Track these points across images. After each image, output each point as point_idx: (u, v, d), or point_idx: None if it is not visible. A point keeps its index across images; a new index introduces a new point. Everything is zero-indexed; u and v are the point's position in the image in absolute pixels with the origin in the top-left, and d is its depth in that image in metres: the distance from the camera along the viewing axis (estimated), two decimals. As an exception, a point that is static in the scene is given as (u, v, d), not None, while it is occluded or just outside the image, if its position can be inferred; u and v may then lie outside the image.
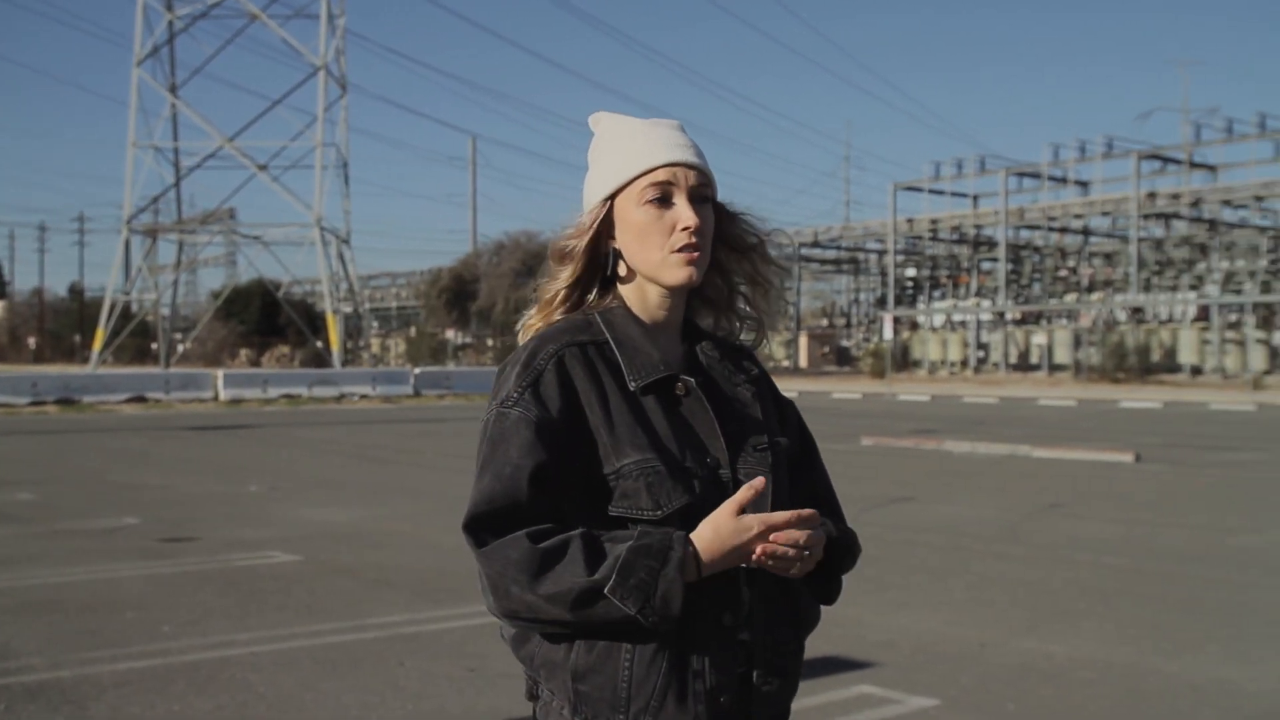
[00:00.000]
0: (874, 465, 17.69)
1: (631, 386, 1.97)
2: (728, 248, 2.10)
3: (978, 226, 66.19)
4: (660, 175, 1.99)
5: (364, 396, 39.59)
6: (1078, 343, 55.59)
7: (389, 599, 8.02)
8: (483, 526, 1.88)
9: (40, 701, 5.72)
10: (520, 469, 1.89)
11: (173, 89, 55.01)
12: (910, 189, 66.75)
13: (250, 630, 7.15)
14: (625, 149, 2.03)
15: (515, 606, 1.86)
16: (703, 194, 2.03)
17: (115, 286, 56.22)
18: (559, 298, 2.07)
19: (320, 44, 52.75)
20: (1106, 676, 6.27)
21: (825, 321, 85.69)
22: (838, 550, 2.07)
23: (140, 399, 35.90)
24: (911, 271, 71.91)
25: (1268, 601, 8.07)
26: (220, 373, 39.67)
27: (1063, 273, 66.23)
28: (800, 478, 2.18)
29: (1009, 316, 61.29)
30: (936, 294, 69.86)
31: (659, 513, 1.90)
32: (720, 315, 2.16)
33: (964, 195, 66.58)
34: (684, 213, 1.99)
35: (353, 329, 62.09)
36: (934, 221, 66.74)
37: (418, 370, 44.25)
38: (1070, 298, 61.35)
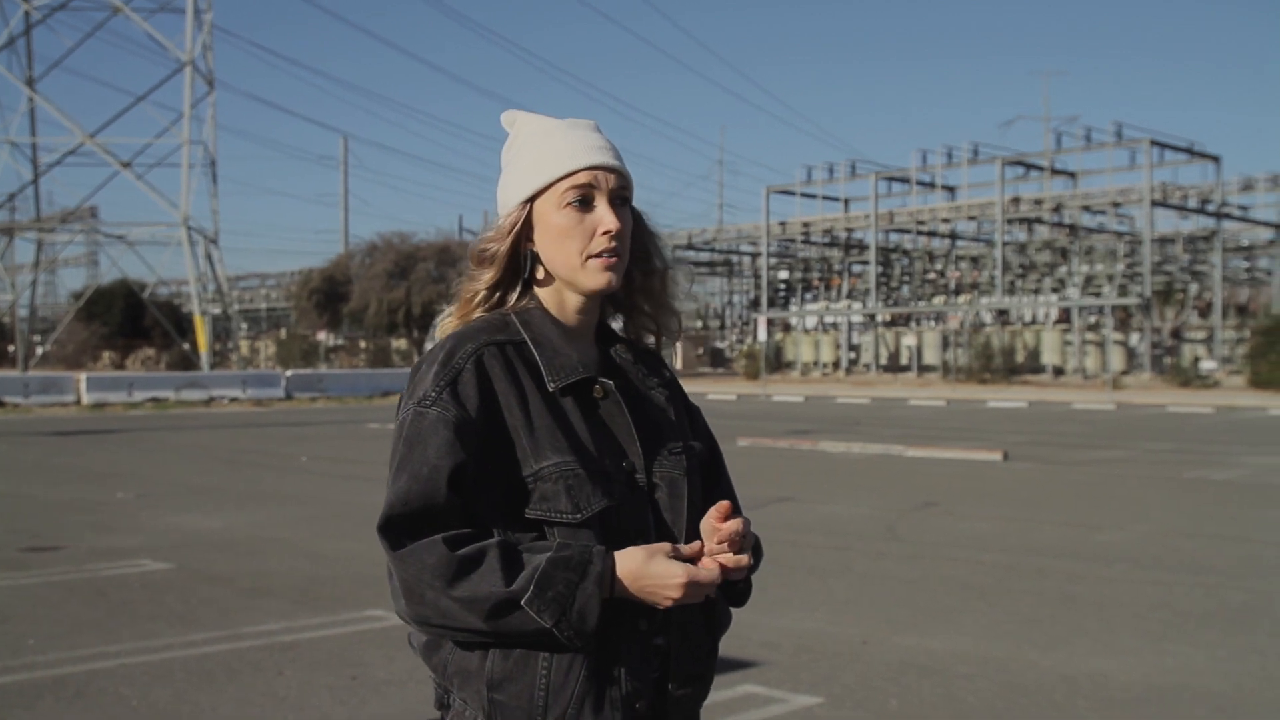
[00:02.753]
0: (752, 466, 17.84)
1: (550, 387, 1.95)
2: (638, 258, 2.09)
3: (849, 230, 67.31)
4: (581, 178, 1.97)
5: (234, 399, 38.72)
6: (946, 344, 56.85)
7: (266, 607, 7.83)
8: (399, 529, 1.84)
9: (-103, 721, 5.47)
10: (438, 470, 1.84)
11: (30, 82, 53.25)
12: (783, 192, 67.56)
13: (121, 642, 6.93)
14: (544, 150, 2.00)
15: (428, 613, 1.82)
16: (622, 196, 2.01)
17: (-31, 287, 54.18)
18: (478, 298, 2.04)
19: (186, 39, 51.57)
20: (984, 670, 6.40)
21: (699, 323, 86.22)
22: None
23: (-3, 403, 34.64)
24: (784, 274, 72.79)
25: (1133, 595, 8.32)
26: (83, 376, 38.43)
27: (931, 275, 67.65)
28: (709, 482, 2.17)
29: (879, 318, 62.41)
30: (809, 296, 70.79)
31: (578, 516, 1.88)
32: (629, 319, 2.14)
33: (835, 199, 67.64)
34: (605, 216, 1.97)
35: (221, 331, 60.81)
36: (806, 224, 67.68)
37: (289, 373, 43.42)
38: (938, 300, 62.66)
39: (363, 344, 72.57)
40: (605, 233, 1.96)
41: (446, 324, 2.07)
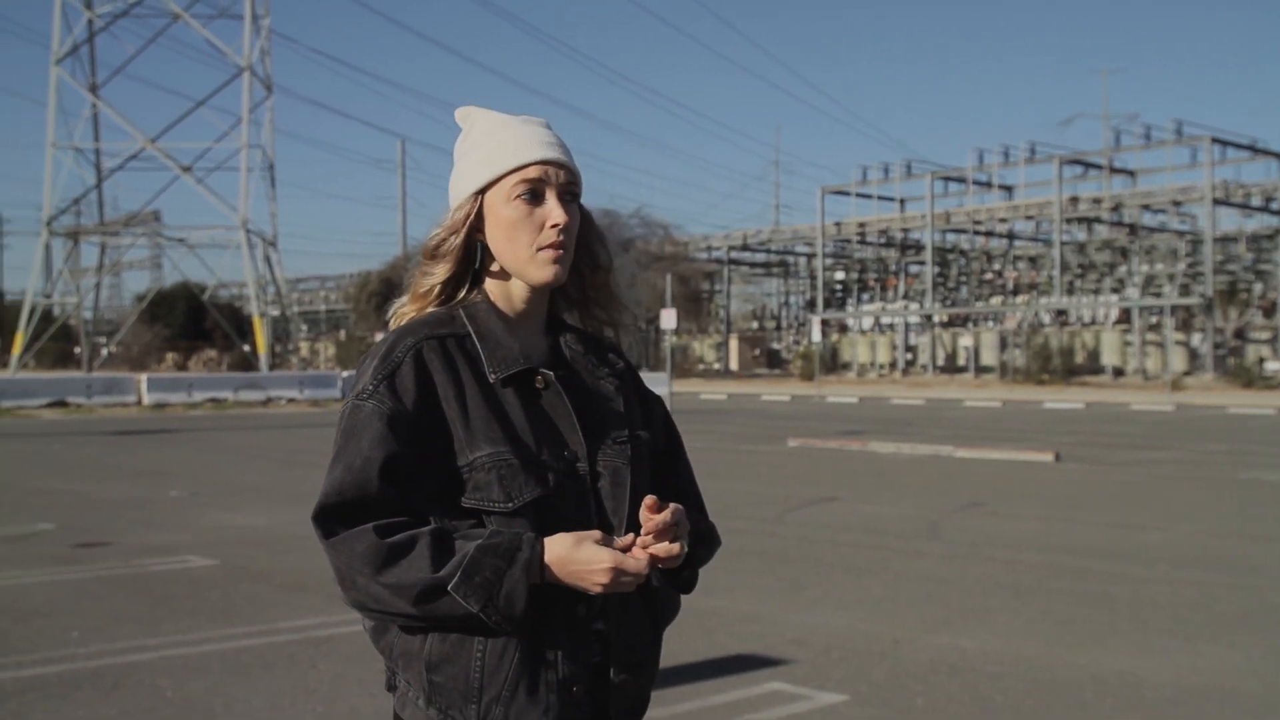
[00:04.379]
0: (799, 466, 17.83)
1: (491, 379, 1.98)
2: (584, 255, 2.12)
3: (905, 230, 66.94)
4: (532, 172, 2.01)
5: (291, 400, 39.20)
6: (1003, 345, 56.38)
7: (303, 603, 7.95)
8: (332, 517, 1.89)
9: (-60, 709, 5.61)
10: (371, 461, 1.89)
11: (93, 88, 54.21)
12: (838, 193, 67.30)
13: (161, 635, 7.06)
14: (495, 144, 2.04)
15: (362, 598, 1.88)
16: (571, 192, 2.05)
17: (35, 289, 55.25)
18: (433, 292, 2.08)
19: (245, 44, 52.28)
20: (1014, 669, 6.37)
21: (755, 324, 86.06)
22: (695, 541, 2.10)
23: (61, 404, 35.29)
24: (840, 275, 72.49)
25: (1172, 595, 8.24)
26: (144, 377, 39.07)
27: (988, 276, 67.10)
28: (665, 473, 2.20)
29: (936, 319, 62.02)
30: (865, 297, 70.49)
31: (510, 505, 1.92)
32: (583, 314, 2.18)
33: (891, 199, 67.29)
34: (554, 210, 2.00)
35: (280, 333, 61.48)
36: (862, 225, 67.37)
37: (346, 374, 43.87)
38: (996, 301, 62.15)
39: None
40: (554, 225, 1.99)
41: (402, 314, 2.11)
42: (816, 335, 48.66)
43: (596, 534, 1.89)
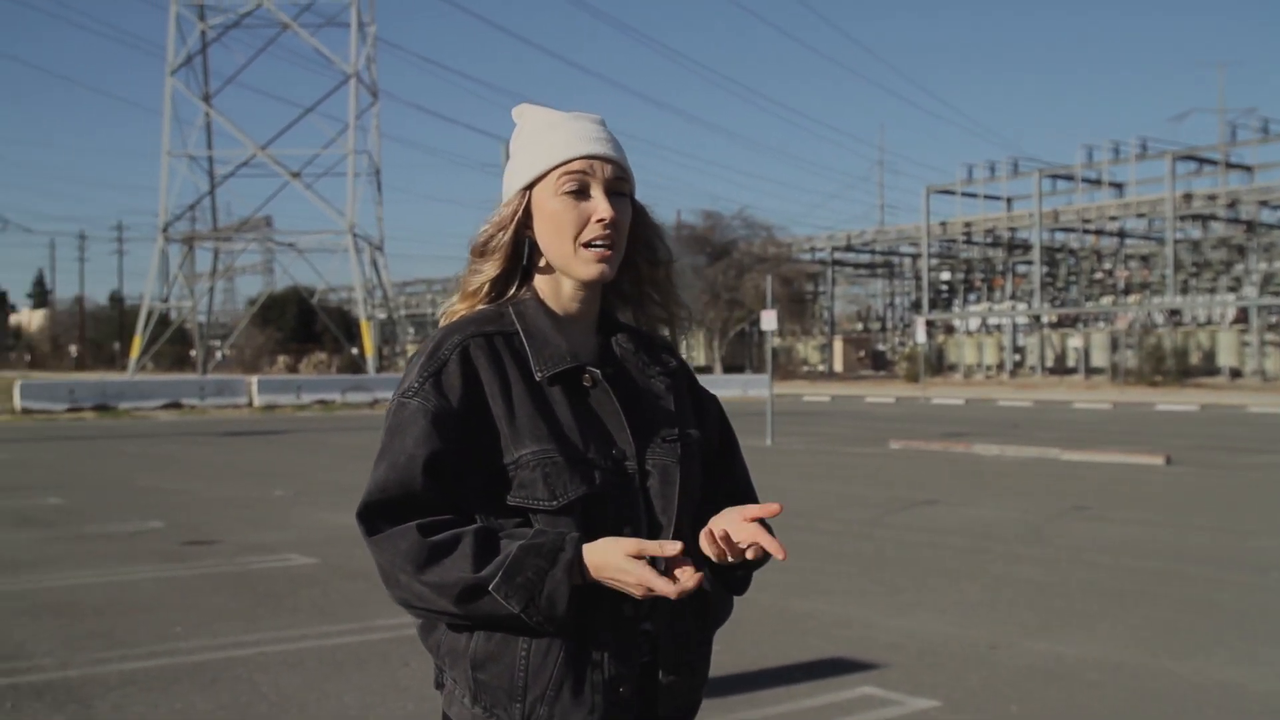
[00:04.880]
0: (901, 469, 17.63)
1: (538, 377, 1.97)
2: (641, 249, 2.10)
3: (1012, 229, 65.83)
4: (576, 166, 1.99)
5: (397, 402, 39.70)
6: (1115, 346, 55.18)
7: (400, 601, 8.03)
8: (376, 514, 1.89)
9: (46, 700, 5.78)
10: (414, 459, 1.89)
11: (206, 98, 55.55)
12: (943, 192, 66.45)
13: (260, 631, 7.20)
14: (544, 141, 2.03)
15: (406, 596, 1.88)
16: (619, 188, 2.02)
17: (152, 294, 56.71)
18: (483, 290, 2.07)
19: (351, 52, 53.16)
20: (1114, 678, 6.22)
21: (860, 325, 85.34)
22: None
23: (175, 405, 36.23)
24: (946, 275, 71.58)
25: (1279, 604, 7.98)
26: (254, 379, 39.95)
27: (1099, 275, 65.73)
28: (720, 473, 2.18)
29: (1045, 320, 60.92)
30: (971, 297, 69.48)
31: (555, 503, 1.91)
32: (639, 311, 2.15)
33: (997, 198, 66.26)
34: (599, 205, 1.98)
35: (387, 335, 62.40)
36: (968, 224, 66.43)
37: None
38: (1106, 300, 60.85)
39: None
40: (599, 220, 1.97)
41: (452, 312, 2.11)
42: (921, 336, 48.10)
43: (632, 546, 1.85)
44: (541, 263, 2.05)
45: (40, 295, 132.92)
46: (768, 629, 7.25)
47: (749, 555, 1.93)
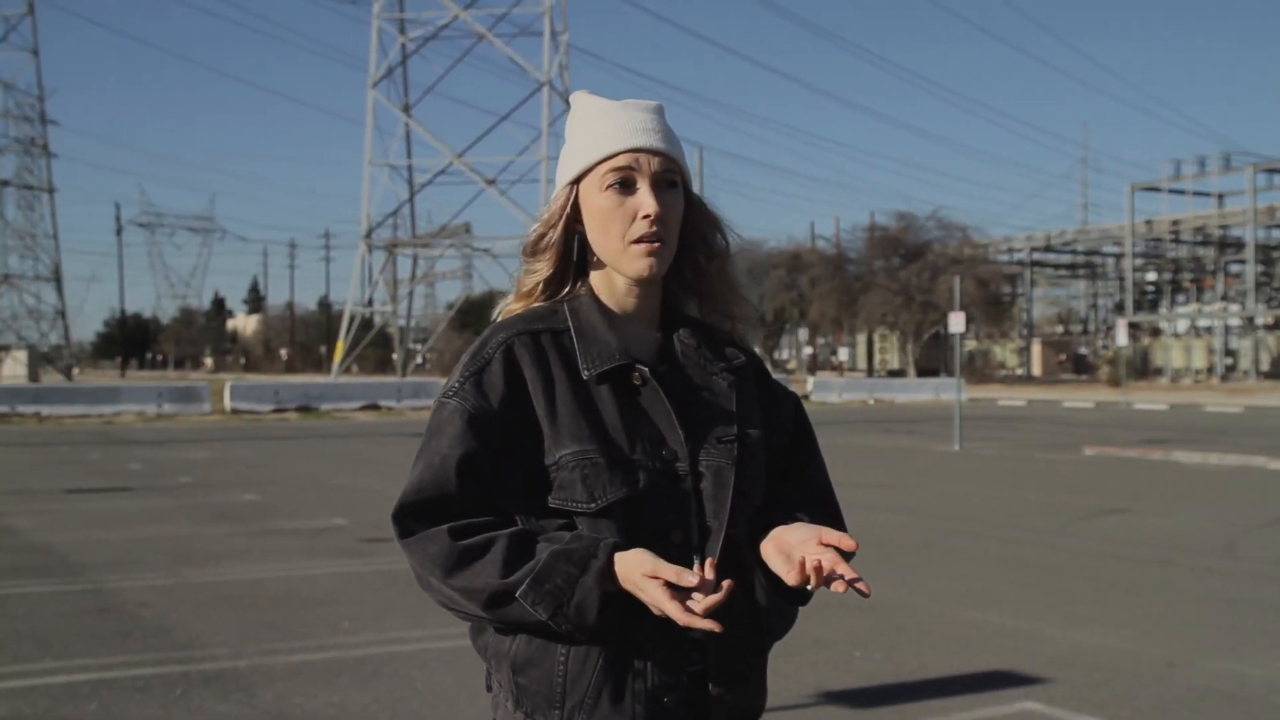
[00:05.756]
0: (1093, 475, 16.99)
1: (584, 376, 1.92)
2: (700, 241, 2.03)
3: (1223, 227, 62.95)
4: (621, 160, 1.93)
5: (586, 404, 40.25)
6: (1336, 349, 52.17)
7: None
8: (411, 515, 1.86)
9: (214, 688, 6.00)
10: (448, 459, 1.85)
11: (406, 108, 57.33)
12: (1148, 189, 63.95)
13: (426, 628, 7.33)
14: (590, 133, 1.97)
15: (441, 599, 1.86)
16: (668, 180, 1.94)
17: (355, 300, 58.76)
18: (537, 290, 2.03)
19: (544, 60, 54.13)
20: (1301, 701, 5.84)
21: (1060, 328, 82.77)
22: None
23: (374, 406, 37.45)
24: (1152, 275, 68.89)
25: None
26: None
27: (1320, 274, 62.31)
28: (793, 472, 2.10)
29: (1259, 321, 58.02)
30: (1179, 299, 66.69)
31: (593, 505, 1.85)
32: (702, 304, 2.07)
33: (1207, 195, 63.47)
34: (646, 200, 1.91)
35: (582, 338, 63.18)
36: (1175, 223, 63.79)
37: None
38: (1328, 301, 57.63)
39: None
40: (645, 216, 1.90)
41: (508, 313, 2.07)
42: (1123, 339, 46.35)
43: (649, 565, 1.75)
44: (594, 258, 2.00)
45: (255, 301, 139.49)
46: (932, 639, 7.05)
47: (835, 588, 1.84)
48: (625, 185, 1.93)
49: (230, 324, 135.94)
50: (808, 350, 78.39)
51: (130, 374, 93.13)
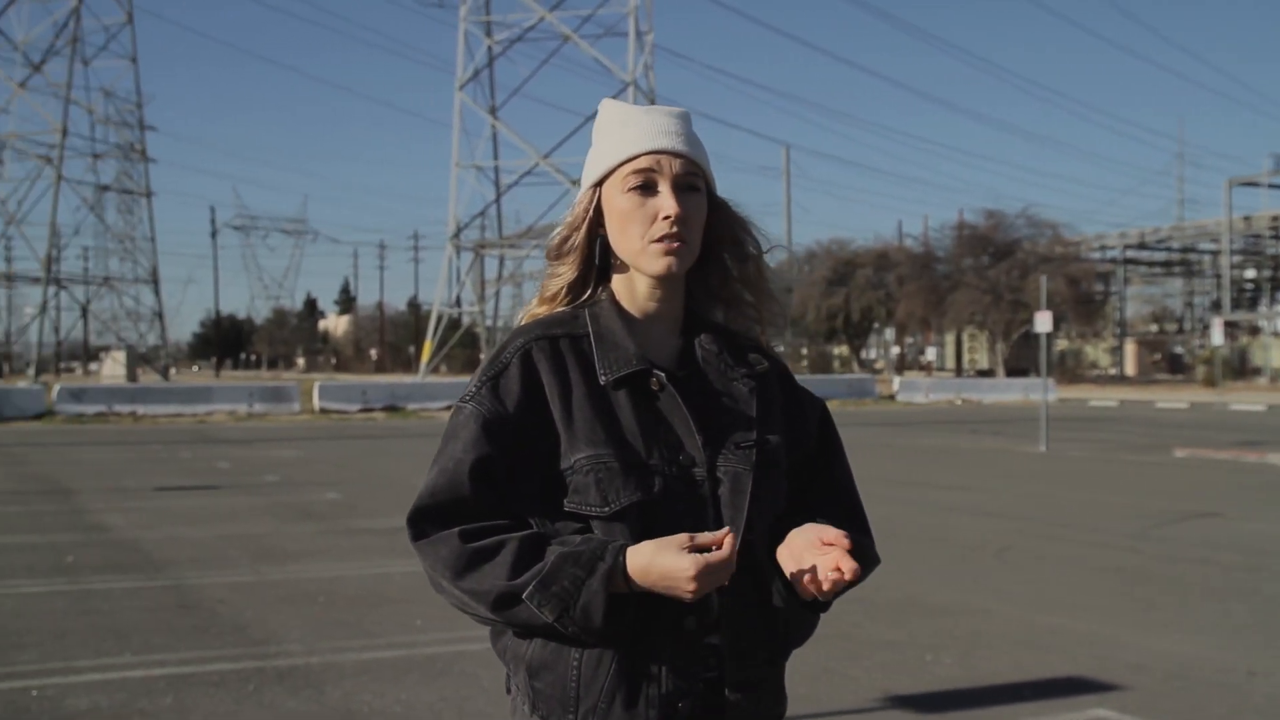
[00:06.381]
0: (1182, 478, 16.63)
1: (602, 380, 1.92)
2: (728, 245, 2.03)
3: (1327, 223, 61.24)
4: (642, 163, 1.94)
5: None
6: None
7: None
8: (425, 519, 1.88)
9: (286, 684, 6.10)
10: (462, 463, 1.87)
11: (492, 110, 57.76)
12: (1247, 184, 62.46)
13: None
14: (613, 137, 1.99)
15: (452, 600, 1.87)
16: (689, 183, 1.95)
17: (442, 300, 59.36)
18: (561, 294, 2.04)
19: (629, 60, 54.23)
20: (1386, 713, 5.66)
21: (1155, 327, 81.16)
22: None
23: (459, 406, 37.75)
24: (1250, 273, 67.27)
25: None
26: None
27: None
28: (817, 479, 2.08)
29: (1363, 320, 56.37)
30: (1279, 296, 65.01)
31: (606, 509, 1.85)
32: (730, 310, 2.07)
33: (1310, 189, 61.77)
34: (665, 201, 1.92)
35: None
36: (1275, 219, 62.21)
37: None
38: None
39: (804, 350, 73.48)
40: (665, 217, 1.91)
41: (531, 315, 2.08)
42: (1218, 338, 45.32)
43: (680, 538, 1.78)
44: (617, 262, 2.01)
45: (345, 302, 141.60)
46: (1005, 643, 6.96)
47: (825, 589, 1.82)
48: (647, 187, 1.94)
49: (322, 324, 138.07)
50: (894, 350, 77.72)
51: (224, 374, 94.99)
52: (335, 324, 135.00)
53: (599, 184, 2.00)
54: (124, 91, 70.84)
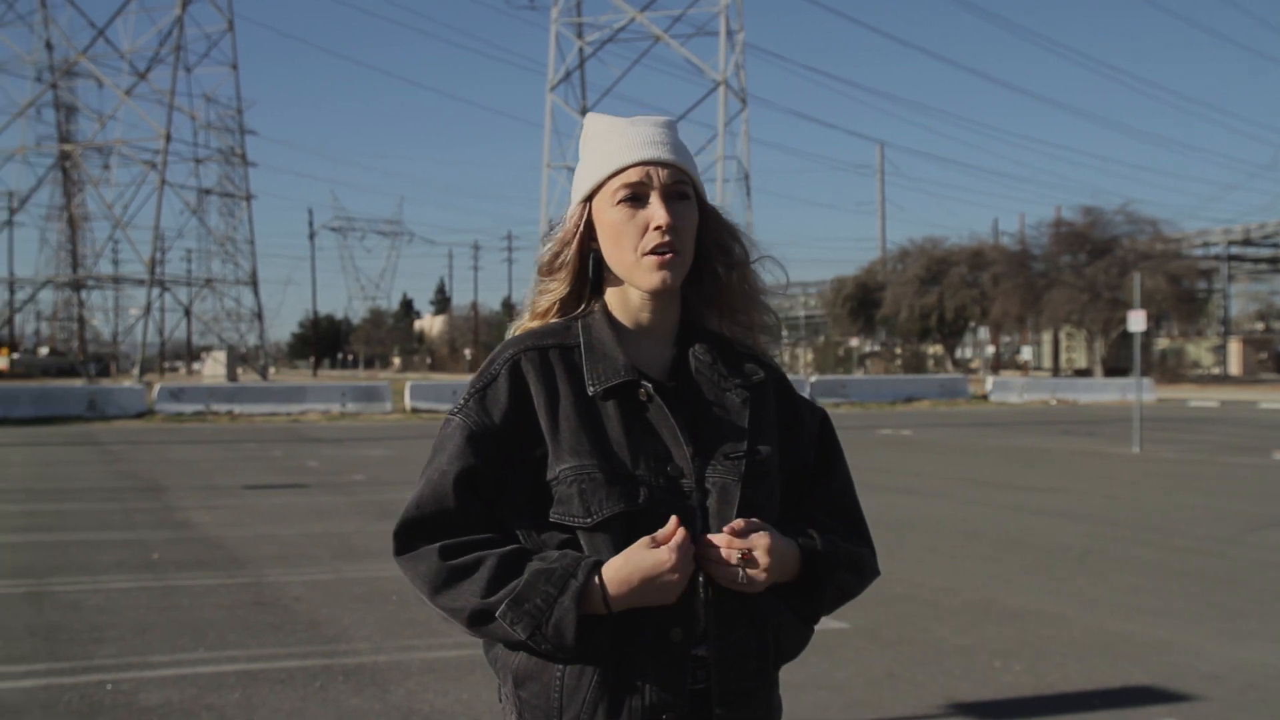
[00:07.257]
0: (1275, 482, 16.17)
1: (590, 391, 1.92)
2: (719, 251, 2.02)
3: None
4: (632, 175, 1.94)
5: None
6: None
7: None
8: (411, 532, 1.90)
9: (352, 682, 6.19)
10: (446, 475, 1.88)
11: (583, 110, 58.03)
12: (1358, 178, 60.49)
13: (563, 627, 7.42)
14: (599, 150, 1.99)
15: (433, 613, 1.89)
16: (679, 191, 1.95)
17: (531, 301, 59.81)
18: (552, 309, 2.04)
19: (720, 59, 54.18)
20: None
21: (1261, 325, 79.06)
22: (819, 564, 1.94)
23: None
24: (1362, 269, 65.20)
25: None
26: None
27: None
28: (815, 488, 2.07)
29: None
30: (1392, 294, 62.98)
31: (589, 520, 1.86)
32: (724, 319, 2.05)
33: None
34: (656, 211, 1.92)
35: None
36: (1388, 213, 60.24)
37: (814, 379, 44.40)
38: None
39: (897, 350, 72.75)
40: (657, 227, 1.91)
41: (521, 328, 2.07)
42: (1327, 337, 43.96)
43: (643, 540, 1.80)
44: (610, 275, 2.01)
45: (441, 302, 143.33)
46: (1078, 650, 6.83)
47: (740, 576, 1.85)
48: (636, 199, 1.94)
49: (417, 324, 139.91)
50: (989, 349, 76.62)
51: (321, 373, 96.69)
52: (430, 324, 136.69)
53: (589, 199, 2.00)
54: (225, 97, 72.91)
